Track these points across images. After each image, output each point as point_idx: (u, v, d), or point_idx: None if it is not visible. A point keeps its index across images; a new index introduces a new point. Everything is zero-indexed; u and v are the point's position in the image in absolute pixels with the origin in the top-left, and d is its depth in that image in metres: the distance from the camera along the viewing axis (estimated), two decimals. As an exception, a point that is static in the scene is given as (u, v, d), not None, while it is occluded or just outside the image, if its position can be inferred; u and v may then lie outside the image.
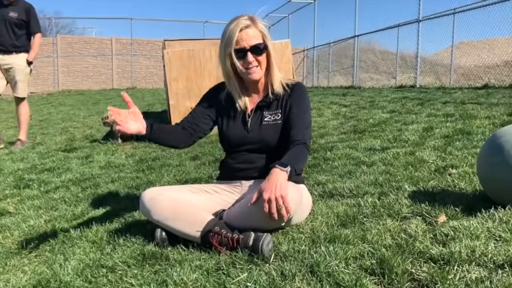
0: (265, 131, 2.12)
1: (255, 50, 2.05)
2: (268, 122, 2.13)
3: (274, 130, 2.12)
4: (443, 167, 2.77)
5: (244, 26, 2.04)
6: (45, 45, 20.25)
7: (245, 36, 2.04)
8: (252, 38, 2.04)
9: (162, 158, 4.11)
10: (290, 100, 2.14)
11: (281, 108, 2.14)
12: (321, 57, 17.28)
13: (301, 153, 2.03)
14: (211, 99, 2.29)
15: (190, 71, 5.09)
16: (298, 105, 2.14)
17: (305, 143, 2.05)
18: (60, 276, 1.74)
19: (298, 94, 2.16)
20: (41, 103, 12.42)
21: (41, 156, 4.87)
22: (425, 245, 1.68)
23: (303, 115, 2.12)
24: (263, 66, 2.11)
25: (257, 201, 1.78)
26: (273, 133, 2.11)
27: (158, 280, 1.62)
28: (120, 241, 2.04)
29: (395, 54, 12.57)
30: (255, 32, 2.06)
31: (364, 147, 3.62)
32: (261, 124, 2.14)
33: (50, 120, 8.15)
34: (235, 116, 2.20)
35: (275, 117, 2.14)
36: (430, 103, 5.82)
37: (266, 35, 2.09)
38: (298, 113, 2.11)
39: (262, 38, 2.07)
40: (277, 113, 2.14)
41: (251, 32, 2.04)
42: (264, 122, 2.14)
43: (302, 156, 2.03)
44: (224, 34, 2.08)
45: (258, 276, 1.57)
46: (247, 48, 2.04)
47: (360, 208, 2.16)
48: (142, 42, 21.31)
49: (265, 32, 2.10)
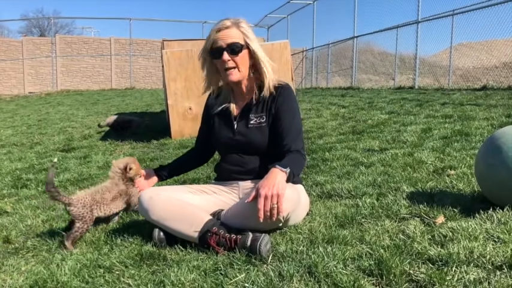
0: (252, 133, 2.11)
1: (231, 49, 2.02)
2: (254, 125, 2.11)
3: (259, 132, 2.10)
4: (441, 168, 2.77)
5: (223, 26, 2.03)
6: (44, 45, 20.27)
7: (222, 36, 2.03)
8: (230, 38, 2.02)
9: (160, 158, 4.10)
10: (276, 104, 2.10)
11: (265, 111, 2.11)
12: (320, 58, 17.29)
13: (299, 161, 2.02)
14: (207, 109, 2.33)
15: (188, 71, 5.09)
16: (285, 111, 2.09)
17: (300, 152, 2.04)
18: (57, 277, 1.73)
19: (283, 98, 2.11)
20: (39, 103, 12.40)
21: (38, 156, 4.86)
22: (424, 246, 1.68)
23: (293, 121, 2.08)
24: (242, 68, 2.07)
25: (254, 199, 1.77)
26: (259, 135, 2.10)
27: (156, 280, 1.62)
28: (118, 241, 2.04)
29: (394, 56, 12.58)
30: (235, 33, 2.03)
31: (362, 148, 3.62)
32: (247, 127, 2.12)
33: (48, 120, 8.14)
34: (223, 120, 2.21)
35: (260, 120, 2.11)
36: (429, 104, 5.82)
37: (250, 37, 2.06)
38: (287, 120, 2.08)
39: (243, 40, 2.04)
40: (262, 116, 2.11)
41: (229, 32, 2.03)
42: (250, 124, 2.12)
43: (299, 163, 2.03)
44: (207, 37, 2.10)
45: (256, 277, 1.56)
46: (224, 47, 2.02)
47: (358, 209, 2.16)
48: (141, 43, 21.30)
49: (248, 34, 2.06)
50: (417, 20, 9.82)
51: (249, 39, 2.05)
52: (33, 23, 40.78)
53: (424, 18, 9.87)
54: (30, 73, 20.38)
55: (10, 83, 20.11)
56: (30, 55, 20.22)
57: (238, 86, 2.15)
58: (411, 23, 10.27)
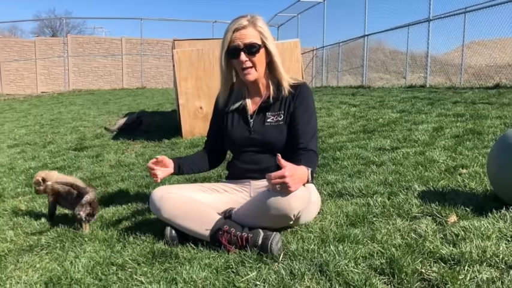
0: (268, 131, 2.11)
1: (248, 50, 2.03)
2: (271, 123, 2.12)
3: (277, 131, 2.11)
4: (453, 167, 2.75)
5: (240, 26, 2.03)
6: (56, 45, 20.47)
7: (239, 36, 2.03)
8: (247, 37, 2.02)
9: (171, 157, 4.12)
10: (294, 103, 2.11)
11: (283, 109, 2.12)
12: (330, 56, 17.23)
13: (314, 162, 2.03)
14: (217, 108, 2.32)
15: (199, 70, 5.10)
16: (304, 111, 2.11)
17: (314, 152, 2.05)
18: (71, 274, 1.75)
19: (302, 97, 2.12)
20: (51, 102, 12.51)
21: (52, 155, 4.92)
22: (436, 245, 1.67)
23: (309, 122, 2.10)
24: (259, 68, 2.08)
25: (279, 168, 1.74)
26: (276, 134, 2.10)
27: (168, 278, 1.63)
28: (130, 239, 2.06)
29: (405, 54, 12.49)
30: (252, 32, 2.03)
31: (373, 147, 3.61)
32: (264, 125, 2.13)
33: (61, 120, 8.22)
34: (238, 118, 2.21)
35: (277, 118, 2.12)
36: (440, 103, 5.78)
37: (266, 36, 2.06)
38: (305, 119, 2.09)
39: (260, 39, 2.05)
40: (279, 114, 2.12)
41: (246, 32, 2.03)
42: (267, 123, 2.13)
43: (315, 164, 2.03)
44: (223, 35, 2.10)
45: (267, 275, 1.57)
46: (241, 47, 2.03)
47: (370, 208, 2.16)
48: (152, 42, 21.41)
49: (265, 33, 2.06)
50: (428, 18, 9.73)
51: (265, 38, 2.06)
52: (45, 23, 41.19)
53: (436, 16, 9.78)
54: (42, 73, 20.60)
55: (23, 83, 20.35)
56: (42, 55, 20.43)
57: (254, 84, 2.16)
58: (422, 21, 10.18)
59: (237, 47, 2.03)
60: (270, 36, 2.09)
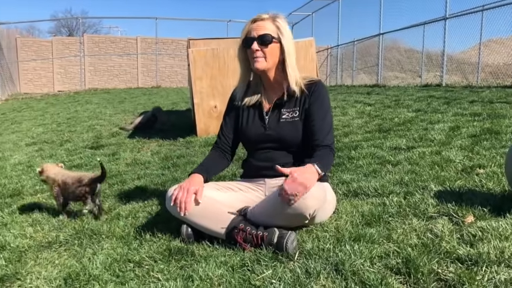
0: (283, 128, 2.12)
1: (261, 40, 2.06)
2: (286, 120, 2.13)
3: (292, 127, 2.12)
4: (470, 166, 2.72)
5: (259, 18, 2.09)
6: (72, 45, 20.71)
7: (256, 27, 2.08)
8: (262, 29, 2.07)
9: (186, 156, 4.15)
10: (309, 99, 2.13)
11: (299, 106, 2.13)
12: (345, 55, 17.15)
13: (329, 158, 2.04)
14: (232, 103, 2.33)
15: (214, 69, 5.12)
16: (319, 107, 2.12)
17: (330, 147, 2.06)
18: (89, 270, 1.78)
19: (317, 94, 2.14)
20: (68, 101, 12.67)
21: (68, 153, 4.98)
22: (452, 245, 1.66)
23: (325, 117, 2.11)
24: (269, 59, 2.10)
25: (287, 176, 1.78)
26: (292, 130, 2.11)
27: (184, 275, 1.65)
28: (147, 236, 2.08)
29: (421, 53, 12.37)
30: (268, 25, 2.08)
31: (389, 146, 3.59)
32: (279, 122, 2.14)
33: (77, 118, 8.32)
34: (253, 115, 2.22)
35: (293, 114, 2.13)
36: (457, 102, 5.72)
37: (283, 33, 2.09)
38: (320, 116, 2.10)
39: (276, 33, 2.08)
40: (294, 111, 2.14)
41: (263, 24, 2.07)
42: (282, 119, 2.14)
43: (329, 161, 2.05)
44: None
45: (283, 274, 1.58)
46: (255, 37, 2.06)
47: (385, 207, 2.15)
48: (167, 42, 21.54)
49: (282, 30, 2.09)
50: (445, 16, 9.62)
51: (282, 34, 2.08)
52: (62, 23, 41.73)
53: (452, 14, 9.66)
54: (59, 72, 20.86)
55: (40, 82, 20.64)
56: (59, 54, 20.69)
57: (265, 76, 2.17)
58: (439, 19, 10.06)
59: (252, 37, 2.08)
60: (288, 35, 2.10)
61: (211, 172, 2.22)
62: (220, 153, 2.32)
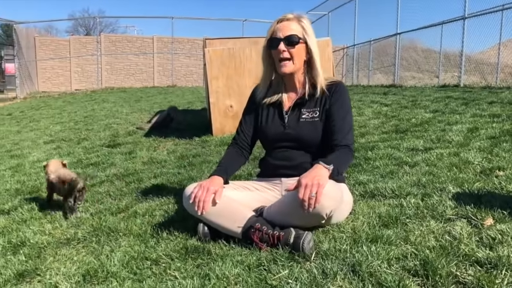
0: (303, 127, 2.12)
1: (288, 41, 2.06)
2: (306, 119, 2.13)
3: (312, 127, 2.11)
4: (489, 168, 2.69)
5: (284, 18, 2.09)
6: (90, 44, 20.93)
7: (281, 27, 2.08)
8: (288, 30, 2.06)
9: (202, 155, 4.17)
10: (330, 100, 2.12)
11: (319, 106, 2.13)
12: (361, 55, 17.03)
13: (346, 157, 2.03)
14: (252, 100, 2.34)
15: (230, 69, 5.14)
16: (339, 107, 2.11)
17: (349, 147, 2.04)
18: (107, 267, 1.80)
19: (338, 94, 2.13)
20: (85, 100, 12.82)
21: (86, 151, 5.04)
22: (471, 248, 1.64)
23: (345, 118, 2.10)
24: (296, 61, 2.10)
25: (295, 189, 1.77)
26: (311, 130, 2.11)
27: (201, 274, 1.66)
28: (164, 235, 2.10)
29: (439, 53, 12.23)
30: (294, 26, 2.07)
31: (406, 147, 3.55)
32: (299, 121, 2.14)
33: (94, 117, 8.41)
34: (273, 113, 2.22)
35: (313, 114, 2.13)
36: (475, 103, 5.64)
37: (309, 33, 2.09)
38: (341, 116, 2.09)
39: (302, 34, 2.08)
40: (315, 111, 2.13)
41: (289, 24, 2.07)
42: (302, 119, 2.13)
43: (346, 159, 2.04)
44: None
45: (299, 274, 1.58)
46: (281, 37, 2.06)
47: (403, 209, 2.13)
48: (183, 41, 21.63)
49: (307, 30, 2.09)
50: (464, 16, 9.49)
51: (307, 35, 2.09)
52: (79, 23, 42.26)
53: (471, 13, 9.52)
54: (76, 71, 21.11)
55: (58, 80, 20.91)
56: (76, 53, 20.93)
57: (291, 78, 2.18)
58: (457, 19, 9.93)
59: (278, 37, 2.08)
60: (312, 35, 2.11)
61: (230, 172, 2.22)
62: (238, 149, 2.32)
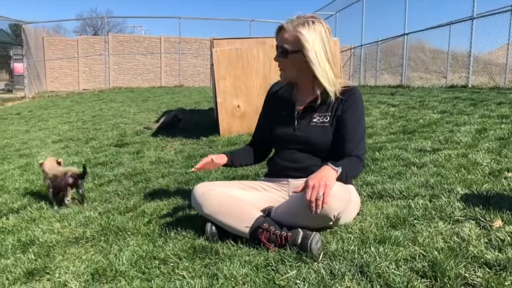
0: (312, 131, 2.09)
1: (280, 51, 2.05)
2: (316, 124, 2.10)
3: (321, 132, 2.08)
4: (498, 170, 2.67)
5: (282, 26, 2.05)
6: (97, 44, 21.04)
7: (279, 36, 2.06)
8: (282, 40, 2.04)
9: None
10: (343, 107, 2.06)
11: (331, 112, 2.08)
12: (369, 55, 16.98)
13: (356, 165, 2.00)
14: (268, 100, 2.36)
15: (237, 69, 5.14)
16: (352, 115, 2.05)
17: (360, 158, 2.02)
18: (116, 266, 1.82)
19: (351, 101, 2.06)
20: (93, 99, 12.89)
21: (94, 150, 5.07)
22: (480, 249, 1.64)
23: (358, 127, 2.05)
24: (290, 71, 2.08)
25: (302, 190, 1.77)
26: (320, 135, 2.08)
27: (209, 273, 1.67)
28: (171, 234, 2.11)
29: (447, 53, 12.17)
30: (289, 36, 2.00)
31: (414, 148, 3.54)
32: (309, 124, 2.11)
33: (102, 116, 8.45)
34: (284, 114, 2.21)
35: (323, 119, 2.09)
36: (484, 104, 5.61)
37: (306, 40, 1.96)
38: (353, 124, 2.05)
39: (297, 43, 1.98)
40: (326, 116, 2.09)
41: (284, 34, 2.03)
42: (312, 122, 2.11)
43: (356, 168, 2.01)
44: None
45: (307, 274, 1.58)
46: (277, 47, 2.07)
47: (411, 210, 2.13)
48: (190, 41, 21.68)
49: (305, 37, 1.96)
50: (472, 16, 9.44)
51: (303, 45, 1.96)
52: (87, 22, 42.51)
53: (480, 14, 9.47)
54: (84, 71, 21.22)
55: (66, 80, 21.03)
56: (84, 53, 21.05)
57: (299, 83, 2.17)
58: (466, 19, 9.88)
59: (276, 45, 2.08)
60: (313, 43, 1.97)
61: (237, 159, 2.35)
62: (249, 148, 2.41)
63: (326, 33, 2.01)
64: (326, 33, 2.01)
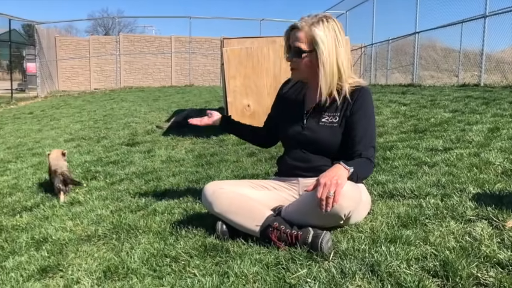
0: (321, 131, 2.08)
1: (294, 52, 2.05)
2: (325, 124, 2.08)
3: (330, 132, 2.06)
4: (510, 169, 2.65)
5: (296, 26, 2.03)
6: (109, 44, 21.20)
7: (292, 35, 2.05)
8: (296, 40, 2.02)
9: (220, 154, 4.19)
10: (352, 107, 2.04)
11: (340, 112, 2.06)
12: (379, 54, 16.89)
13: (366, 166, 1.98)
14: (280, 95, 2.37)
15: (247, 69, 5.15)
16: (362, 116, 2.03)
17: (370, 159, 1.99)
18: (128, 264, 1.83)
19: (361, 102, 2.04)
20: (104, 99, 12.98)
21: (105, 149, 5.11)
22: (492, 249, 1.63)
23: (368, 128, 2.03)
24: (303, 71, 2.07)
25: (314, 188, 1.77)
26: (329, 135, 2.07)
27: (220, 272, 1.68)
28: (183, 232, 2.12)
29: (458, 52, 12.05)
30: (303, 36, 1.99)
31: (425, 147, 3.52)
32: (318, 124, 2.10)
33: (113, 116, 8.51)
34: (294, 112, 2.21)
35: (332, 119, 2.07)
36: (496, 103, 5.55)
37: (322, 42, 1.95)
38: (363, 126, 2.02)
39: (307, 43, 1.99)
40: (335, 116, 2.07)
41: (298, 34, 2.01)
42: (321, 122, 2.10)
43: (366, 168, 1.99)
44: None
45: (318, 273, 1.58)
46: (290, 47, 2.07)
47: (422, 209, 2.12)
48: (200, 40, 21.75)
49: (320, 37, 1.95)
50: (484, 14, 9.34)
51: (317, 44, 1.96)
52: (98, 22, 42.83)
53: (493, 11, 9.36)
54: (95, 70, 21.40)
55: (78, 79, 21.23)
56: (96, 53, 21.22)
57: (309, 82, 2.17)
58: (478, 17, 9.78)
59: (287, 45, 2.08)
60: (327, 44, 1.96)
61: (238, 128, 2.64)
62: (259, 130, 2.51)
63: (340, 31, 2.01)
64: (339, 31, 2.01)
